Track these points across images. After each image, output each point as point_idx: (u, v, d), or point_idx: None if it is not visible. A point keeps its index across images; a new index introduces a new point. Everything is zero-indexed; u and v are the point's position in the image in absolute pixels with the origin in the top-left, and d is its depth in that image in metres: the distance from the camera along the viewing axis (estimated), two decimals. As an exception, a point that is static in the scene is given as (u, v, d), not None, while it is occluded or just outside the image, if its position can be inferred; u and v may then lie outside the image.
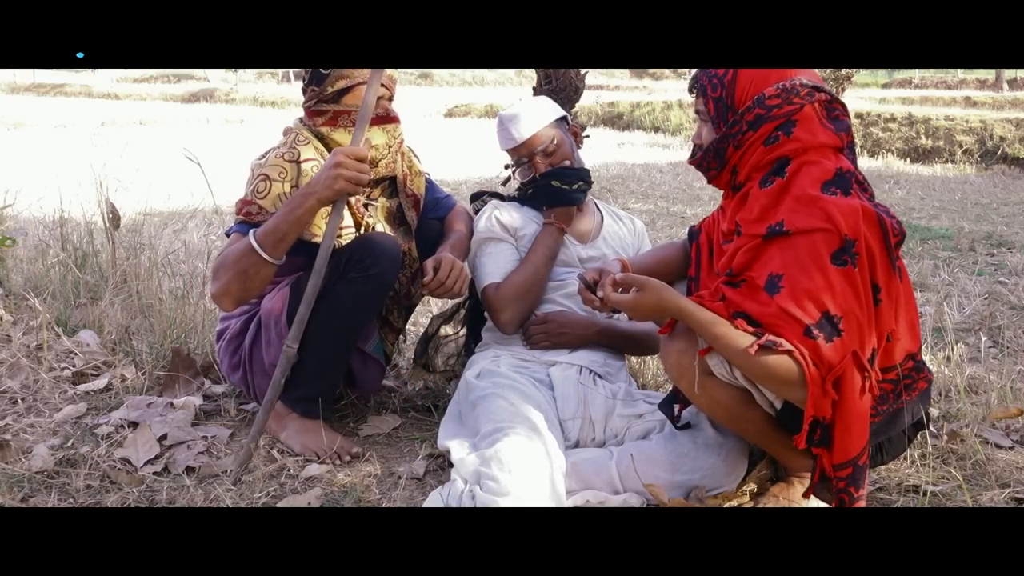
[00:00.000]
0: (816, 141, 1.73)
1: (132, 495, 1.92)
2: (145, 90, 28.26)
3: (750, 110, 1.75)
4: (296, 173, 2.17)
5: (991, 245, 5.71)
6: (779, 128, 1.74)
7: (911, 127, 14.79)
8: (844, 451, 1.65)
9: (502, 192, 2.57)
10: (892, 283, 1.67)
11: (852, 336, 1.61)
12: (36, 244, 3.90)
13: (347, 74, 2.19)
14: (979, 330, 3.35)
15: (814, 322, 1.60)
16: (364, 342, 2.30)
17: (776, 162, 1.75)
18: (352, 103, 2.21)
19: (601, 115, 19.12)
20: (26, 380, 2.54)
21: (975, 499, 1.91)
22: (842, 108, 1.79)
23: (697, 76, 1.88)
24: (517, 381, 2.15)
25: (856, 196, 1.68)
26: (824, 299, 1.61)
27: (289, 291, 2.20)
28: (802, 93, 1.74)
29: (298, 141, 2.22)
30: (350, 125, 2.19)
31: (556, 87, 5.76)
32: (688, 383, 1.78)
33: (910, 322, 1.76)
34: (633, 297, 1.77)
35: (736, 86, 1.79)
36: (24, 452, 2.08)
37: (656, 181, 9.46)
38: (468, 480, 1.84)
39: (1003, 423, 2.36)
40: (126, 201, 4.17)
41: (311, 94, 2.23)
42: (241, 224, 2.15)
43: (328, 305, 2.11)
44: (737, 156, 1.80)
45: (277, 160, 2.18)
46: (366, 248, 2.13)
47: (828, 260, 1.62)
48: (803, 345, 1.60)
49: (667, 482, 1.92)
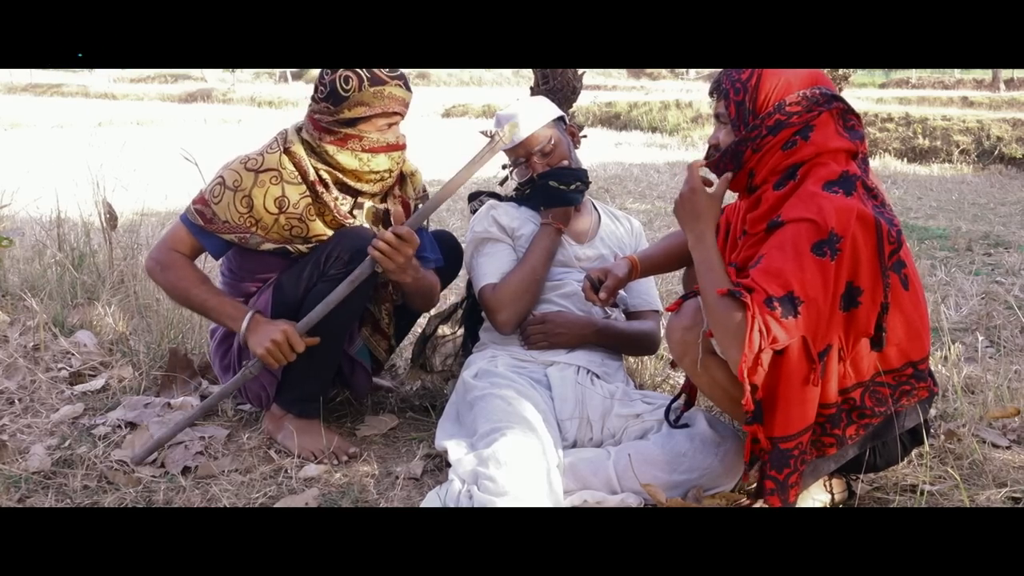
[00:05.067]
0: (831, 145, 1.76)
1: (129, 495, 1.92)
2: (142, 90, 28.20)
3: (771, 115, 1.78)
4: (251, 183, 2.13)
5: (988, 245, 5.71)
6: (797, 133, 1.77)
7: (908, 127, 14.79)
8: (777, 428, 1.68)
9: (500, 192, 2.57)
10: (878, 288, 1.69)
11: (808, 322, 1.63)
12: (33, 244, 3.90)
13: (368, 101, 2.11)
14: (976, 330, 3.35)
15: (777, 296, 1.63)
16: (348, 345, 2.29)
17: (791, 167, 1.78)
18: (367, 130, 2.15)
19: (599, 115, 19.11)
20: (23, 381, 2.53)
21: (972, 498, 1.91)
22: (857, 119, 1.83)
23: (720, 80, 1.89)
24: (515, 381, 2.15)
25: (858, 199, 1.70)
26: (792, 280, 1.63)
27: (272, 293, 2.19)
28: (821, 102, 1.77)
29: (270, 149, 2.18)
30: (359, 150, 2.15)
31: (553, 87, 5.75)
32: (691, 361, 1.81)
33: (913, 330, 1.77)
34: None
35: (759, 91, 1.80)
36: (21, 452, 2.08)
37: (654, 181, 9.46)
38: (466, 480, 1.84)
39: (1000, 422, 2.37)
40: (123, 201, 4.17)
41: (324, 109, 2.15)
42: (196, 227, 2.17)
43: (311, 304, 2.11)
44: (755, 159, 1.81)
45: (238, 166, 2.16)
46: (343, 243, 2.12)
47: (807, 248, 1.65)
48: (760, 312, 1.62)
49: (665, 482, 1.92)
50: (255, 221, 2.14)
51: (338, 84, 2.10)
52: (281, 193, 2.13)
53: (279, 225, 2.14)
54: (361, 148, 2.16)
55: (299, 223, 2.14)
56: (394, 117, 2.18)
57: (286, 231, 2.15)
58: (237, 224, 2.14)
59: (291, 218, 2.14)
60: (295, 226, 2.15)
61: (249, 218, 2.13)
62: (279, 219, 2.13)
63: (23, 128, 15.10)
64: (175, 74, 31.42)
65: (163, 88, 28.99)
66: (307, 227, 2.15)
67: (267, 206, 2.12)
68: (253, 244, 2.17)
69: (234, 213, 2.13)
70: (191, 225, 2.18)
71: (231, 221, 2.14)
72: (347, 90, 2.10)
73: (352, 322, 2.25)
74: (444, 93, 26.80)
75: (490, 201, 2.47)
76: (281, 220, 2.14)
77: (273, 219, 2.13)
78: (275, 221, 2.13)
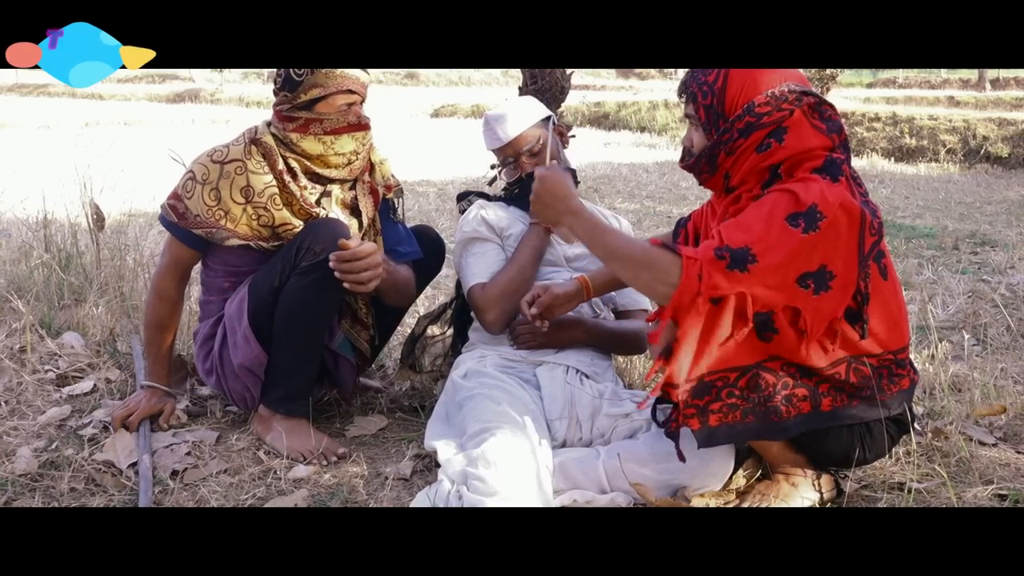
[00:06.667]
0: (807, 146, 1.75)
1: (117, 498, 1.91)
2: (129, 90, 28.03)
3: (740, 118, 1.76)
4: (218, 174, 2.18)
5: (975, 244, 5.74)
6: (770, 135, 1.75)
7: (895, 127, 14.84)
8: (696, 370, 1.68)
9: (488, 192, 2.57)
10: (852, 276, 1.68)
11: (754, 279, 1.62)
12: (19, 246, 3.86)
13: (321, 82, 2.16)
14: (963, 328, 3.37)
15: (731, 247, 1.62)
16: (330, 339, 2.29)
17: (770, 170, 1.77)
18: (325, 111, 2.18)
19: (587, 115, 19.10)
20: (9, 383, 2.52)
21: (959, 496, 1.93)
22: (831, 108, 1.80)
23: (687, 82, 1.88)
24: (504, 381, 2.15)
25: (845, 186, 1.70)
26: (751, 238, 1.62)
27: (248, 292, 2.20)
28: (791, 99, 1.75)
29: (236, 142, 2.24)
30: (321, 133, 2.18)
31: (542, 87, 5.77)
32: None
33: (891, 320, 1.77)
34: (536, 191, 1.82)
35: (726, 93, 1.79)
36: (8, 455, 2.06)
37: (643, 181, 9.47)
38: (455, 480, 1.84)
39: (987, 420, 2.38)
40: (111, 202, 4.15)
41: (282, 99, 2.20)
42: (170, 224, 2.23)
43: (287, 298, 2.12)
44: (729, 162, 1.81)
45: (205, 159, 2.21)
46: (313, 234, 2.13)
47: (781, 215, 1.64)
48: (706, 259, 1.61)
49: (654, 481, 1.92)
50: (224, 213, 2.18)
51: (291, 71, 2.17)
52: (247, 183, 2.18)
53: (247, 215, 2.18)
54: (323, 131, 2.19)
55: (265, 212, 2.18)
56: (351, 96, 2.20)
57: (254, 221, 2.19)
58: (206, 218, 2.19)
59: (258, 207, 2.18)
60: (262, 215, 2.19)
61: (218, 210, 2.18)
62: (247, 209, 2.18)
63: (9, 128, 14.97)
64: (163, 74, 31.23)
65: (151, 88, 28.83)
66: (273, 216, 2.19)
67: (234, 196, 2.17)
68: (220, 239, 2.19)
69: (204, 206, 2.18)
70: (167, 223, 2.24)
71: (201, 215, 2.19)
72: (300, 74, 2.16)
73: (330, 316, 2.25)
74: (433, 93, 26.76)
75: (479, 201, 2.47)
76: (248, 210, 2.18)
77: (241, 209, 2.18)
78: (243, 212, 2.18)
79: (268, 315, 2.15)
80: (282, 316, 2.14)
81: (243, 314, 2.18)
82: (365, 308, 2.40)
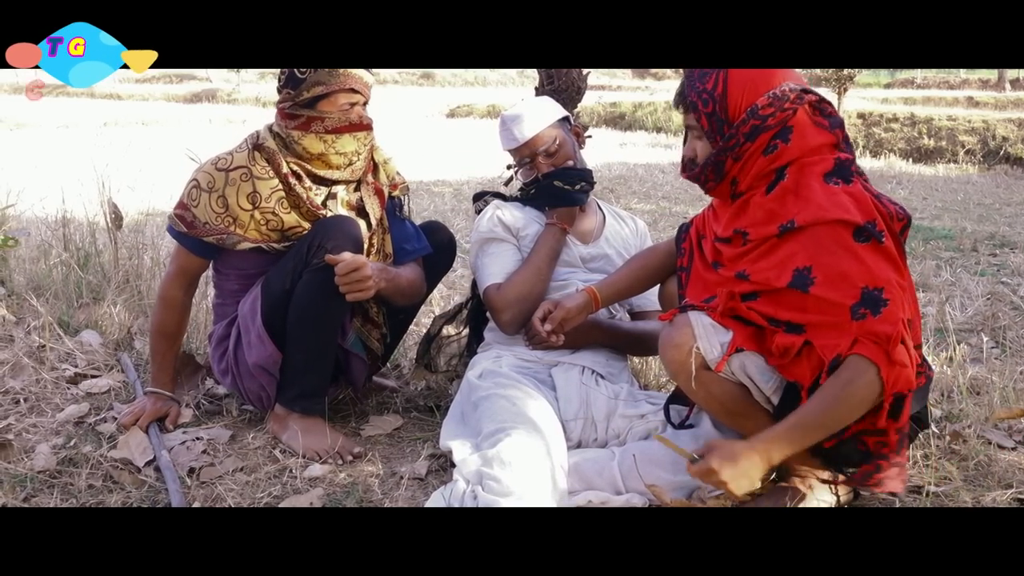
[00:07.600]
0: (813, 144, 1.75)
1: (134, 495, 1.93)
2: (147, 90, 28.23)
3: (745, 122, 1.76)
4: (223, 182, 2.18)
5: (994, 245, 5.70)
6: (776, 136, 1.75)
7: (913, 127, 14.77)
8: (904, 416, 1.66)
9: (504, 192, 2.57)
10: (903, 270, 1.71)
11: (897, 304, 1.62)
12: (39, 244, 3.90)
13: (324, 80, 2.15)
14: (981, 331, 3.34)
15: (856, 301, 1.61)
16: (342, 338, 2.30)
17: (776, 172, 1.77)
18: (327, 109, 2.18)
19: (603, 115, 19.11)
20: (28, 380, 2.54)
21: (977, 500, 1.91)
22: (830, 105, 1.82)
23: (684, 93, 1.86)
24: (519, 381, 2.15)
25: (858, 183, 1.70)
26: (858, 277, 1.62)
27: (260, 292, 2.21)
28: (792, 98, 1.76)
29: (239, 148, 2.24)
30: (322, 131, 2.18)
31: (558, 87, 5.76)
32: (685, 377, 1.79)
33: (913, 311, 1.77)
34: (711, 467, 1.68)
35: (728, 99, 1.78)
36: (27, 452, 2.08)
37: (658, 181, 9.46)
38: (470, 480, 1.84)
39: (1006, 424, 2.36)
40: (129, 201, 4.18)
41: (286, 96, 2.20)
42: (180, 234, 2.23)
43: (300, 297, 2.13)
44: (736, 168, 1.80)
45: (209, 167, 2.21)
46: (324, 232, 2.14)
47: (852, 240, 1.64)
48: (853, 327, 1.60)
49: (669, 482, 1.92)
50: (232, 219, 2.18)
51: (295, 69, 2.17)
52: (252, 189, 2.18)
53: (255, 221, 2.18)
54: (324, 129, 2.19)
55: (273, 216, 2.18)
56: (354, 96, 2.19)
57: (263, 226, 2.19)
58: (216, 225, 2.19)
59: (265, 212, 2.18)
60: (270, 220, 2.19)
61: (227, 217, 2.18)
62: (254, 215, 2.18)
63: (28, 128, 15.10)
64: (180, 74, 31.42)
65: (168, 88, 29.02)
66: (282, 220, 2.19)
67: (240, 203, 2.18)
68: (231, 244, 2.19)
69: (212, 214, 2.18)
70: (176, 234, 2.24)
71: (210, 222, 2.19)
72: (303, 72, 2.16)
73: (344, 313, 2.25)
74: (449, 93, 26.81)
75: (495, 201, 2.47)
76: (256, 215, 2.18)
77: (248, 215, 2.18)
78: (251, 217, 2.18)
79: (281, 314, 2.16)
80: (295, 314, 2.15)
81: (256, 314, 2.19)
82: (376, 307, 2.40)
